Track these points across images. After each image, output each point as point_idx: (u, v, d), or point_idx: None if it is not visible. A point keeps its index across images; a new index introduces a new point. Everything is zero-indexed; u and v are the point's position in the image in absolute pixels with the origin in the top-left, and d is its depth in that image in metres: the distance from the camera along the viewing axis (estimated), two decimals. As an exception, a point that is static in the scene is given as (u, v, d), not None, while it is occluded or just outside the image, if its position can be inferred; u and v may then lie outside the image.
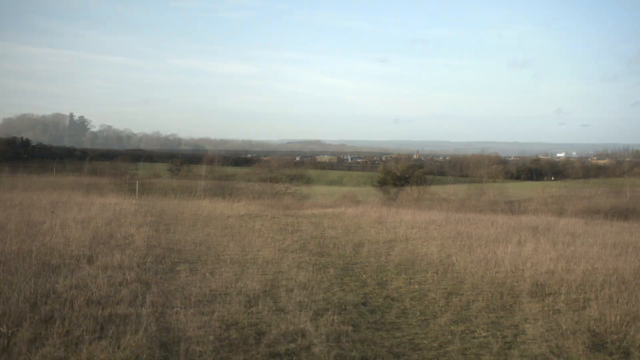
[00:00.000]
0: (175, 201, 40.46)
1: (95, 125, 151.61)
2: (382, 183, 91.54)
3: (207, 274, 15.38)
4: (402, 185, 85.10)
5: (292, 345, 10.82)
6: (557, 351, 11.57)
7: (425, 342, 11.90)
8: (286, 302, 13.22)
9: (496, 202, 77.76)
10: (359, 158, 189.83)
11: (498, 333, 12.63)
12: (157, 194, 52.40)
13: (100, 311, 11.66)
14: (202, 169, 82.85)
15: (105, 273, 14.70)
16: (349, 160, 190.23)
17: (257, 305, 12.84)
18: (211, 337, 10.34)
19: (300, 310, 12.52)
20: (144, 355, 9.67)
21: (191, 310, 11.62)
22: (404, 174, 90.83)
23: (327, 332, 11.38)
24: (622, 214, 60.55)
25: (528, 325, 13.38)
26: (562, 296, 15.76)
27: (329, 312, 12.81)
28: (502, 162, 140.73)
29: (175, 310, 11.65)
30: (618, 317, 13.31)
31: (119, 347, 9.86)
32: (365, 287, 16.91)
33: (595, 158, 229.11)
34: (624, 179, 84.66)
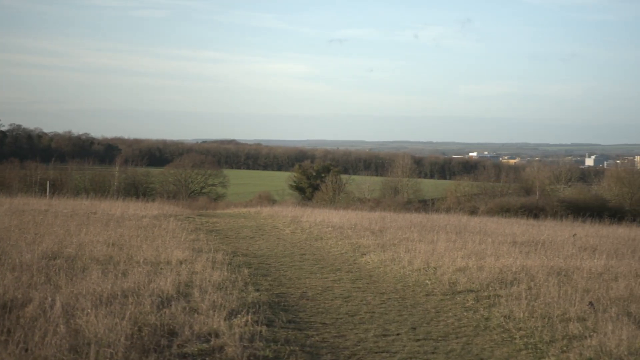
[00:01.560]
0: (87, 201, 39.75)
1: (4, 124, 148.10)
2: (297, 182, 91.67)
3: (120, 275, 15.15)
4: (318, 184, 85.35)
5: (205, 345, 10.74)
6: (469, 347, 11.75)
7: (340, 341, 11.95)
8: (200, 303, 13.11)
9: (410, 201, 78.70)
10: (276, 157, 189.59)
11: (411, 331, 12.76)
12: (68, 194, 51.42)
13: (7, 314, 11.36)
14: (116, 168, 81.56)
15: (13, 274, 14.34)
16: (265, 159, 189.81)
17: (170, 306, 12.70)
18: (122, 339, 10.18)
19: (214, 311, 12.43)
20: (53, 359, 9.46)
21: (102, 312, 11.42)
22: (319, 173, 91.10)
23: (241, 332, 11.33)
24: (532, 212, 61.99)
25: (440, 322, 13.56)
26: (473, 293, 16.03)
27: (243, 312, 12.75)
28: (416, 161, 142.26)
29: (85, 312, 11.43)
30: (526, 313, 13.60)
31: (26, 351, 9.63)
32: (281, 287, 16.92)
33: (506, 157, 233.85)
34: (534, 178, 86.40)
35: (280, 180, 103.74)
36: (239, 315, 12.45)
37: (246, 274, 17.71)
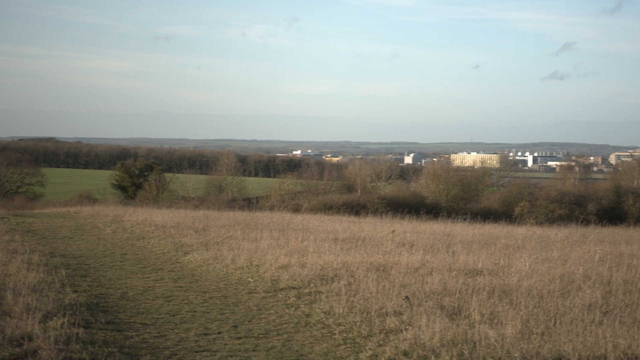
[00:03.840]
0: None
1: None
2: (120, 181, 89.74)
3: None
4: (141, 183, 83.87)
5: (17, 350, 10.35)
6: (289, 344, 11.87)
7: (160, 341, 11.80)
8: (12, 306, 12.61)
9: (235, 199, 78.63)
10: (97, 155, 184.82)
11: (232, 329, 12.76)
12: None
13: None
14: None
15: None
16: (86, 157, 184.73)
17: (-19, 310, 12.15)
18: None
19: (28, 314, 11.99)
20: None
21: None
22: (142, 172, 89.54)
23: (56, 335, 10.97)
24: (354, 209, 63.40)
25: (262, 319, 13.63)
26: (295, 290, 16.21)
27: (60, 314, 12.37)
28: (241, 159, 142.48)
29: None
30: (346, 309, 13.89)
31: None
32: (100, 287, 16.53)
33: (329, 155, 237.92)
34: (356, 175, 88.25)
35: (102, 179, 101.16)
36: (55, 318, 12.08)
37: (64, 275, 17.19)
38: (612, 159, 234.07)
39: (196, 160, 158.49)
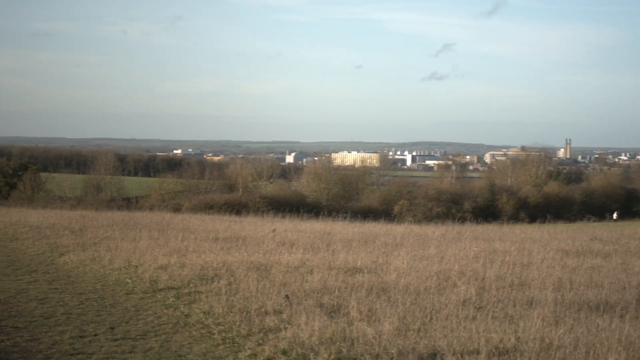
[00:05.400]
0: None
1: None
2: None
3: None
4: (15, 183, 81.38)
5: None
6: (167, 345, 11.74)
7: (33, 344, 11.49)
8: None
9: (114, 198, 77.23)
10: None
11: (109, 331, 12.52)
12: None
13: None
14: None
15: None
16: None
17: None
18: None
19: None
20: None
21: None
22: (16, 171, 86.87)
23: None
24: (235, 208, 63.25)
25: (140, 320, 13.43)
26: (174, 291, 16.05)
27: None
28: (120, 158, 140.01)
29: None
30: (226, 309, 13.83)
31: None
32: (-31, 291, 15.96)
33: (210, 154, 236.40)
34: (237, 175, 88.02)
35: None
36: None
37: None
38: (487, 158, 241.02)
39: (73, 160, 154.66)
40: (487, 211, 78.71)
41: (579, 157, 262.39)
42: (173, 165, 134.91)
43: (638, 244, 27.12)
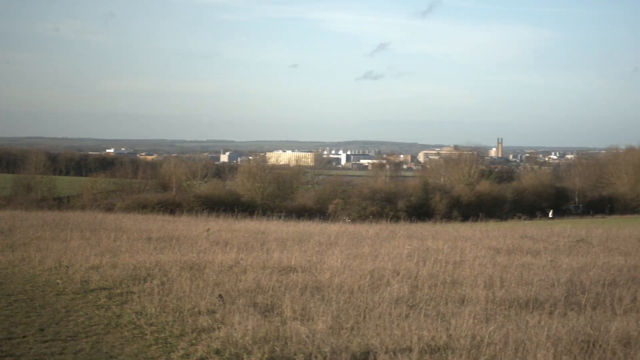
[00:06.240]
0: None
1: None
2: None
3: None
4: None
5: None
6: (98, 346, 11.58)
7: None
8: None
9: (45, 198, 75.95)
10: None
11: (38, 333, 12.31)
12: None
13: None
14: None
15: None
16: None
17: None
18: None
19: None
20: None
21: None
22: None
23: None
24: (169, 207, 62.79)
25: (70, 321, 13.23)
26: (106, 291, 15.85)
27: None
28: (51, 157, 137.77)
29: None
30: (158, 309, 13.71)
31: None
32: None
33: (144, 154, 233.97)
34: (171, 174, 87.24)
35: None
36: None
37: None
38: (421, 157, 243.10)
39: (2, 159, 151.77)
40: (420, 210, 79.47)
41: (511, 156, 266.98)
42: (106, 164, 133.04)
43: (567, 242, 27.64)
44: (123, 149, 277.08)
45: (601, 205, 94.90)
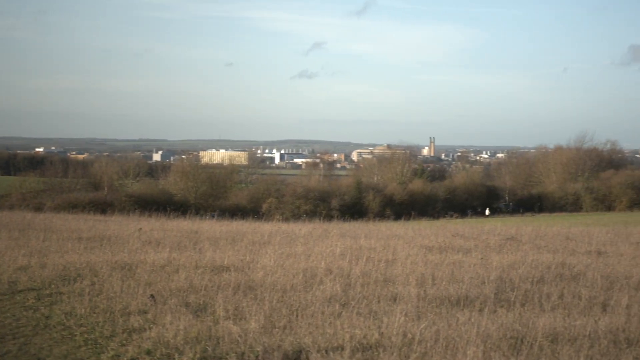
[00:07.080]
0: None
1: None
2: None
3: None
4: None
5: None
6: (26, 347, 11.38)
7: None
8: None
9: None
10: None
11: (-36, 335, 12.06)
12: None
13: None
14: None
15: None
16: None
17: None
18: None
19: None
20: None
21: None
22: None
23: None
24: (100, 207, 62.04)
25: (-3, 324, 12.99)
26: (35, 292, 15.58)
27: None
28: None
29: None
30: (88, 309, 13.54)
31: None
32: None
33: (75, 152, 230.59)
34: (103, 173, 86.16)
35: None
36: None
37: None
38: (354, 156, 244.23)
39: None
40: (354, 209, 79.91)
41: (443, 155, 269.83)
42: (35, 163, 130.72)
43: (497, 240, 28.06)
44: (53, 147, 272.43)
45: (531, 203, 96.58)
